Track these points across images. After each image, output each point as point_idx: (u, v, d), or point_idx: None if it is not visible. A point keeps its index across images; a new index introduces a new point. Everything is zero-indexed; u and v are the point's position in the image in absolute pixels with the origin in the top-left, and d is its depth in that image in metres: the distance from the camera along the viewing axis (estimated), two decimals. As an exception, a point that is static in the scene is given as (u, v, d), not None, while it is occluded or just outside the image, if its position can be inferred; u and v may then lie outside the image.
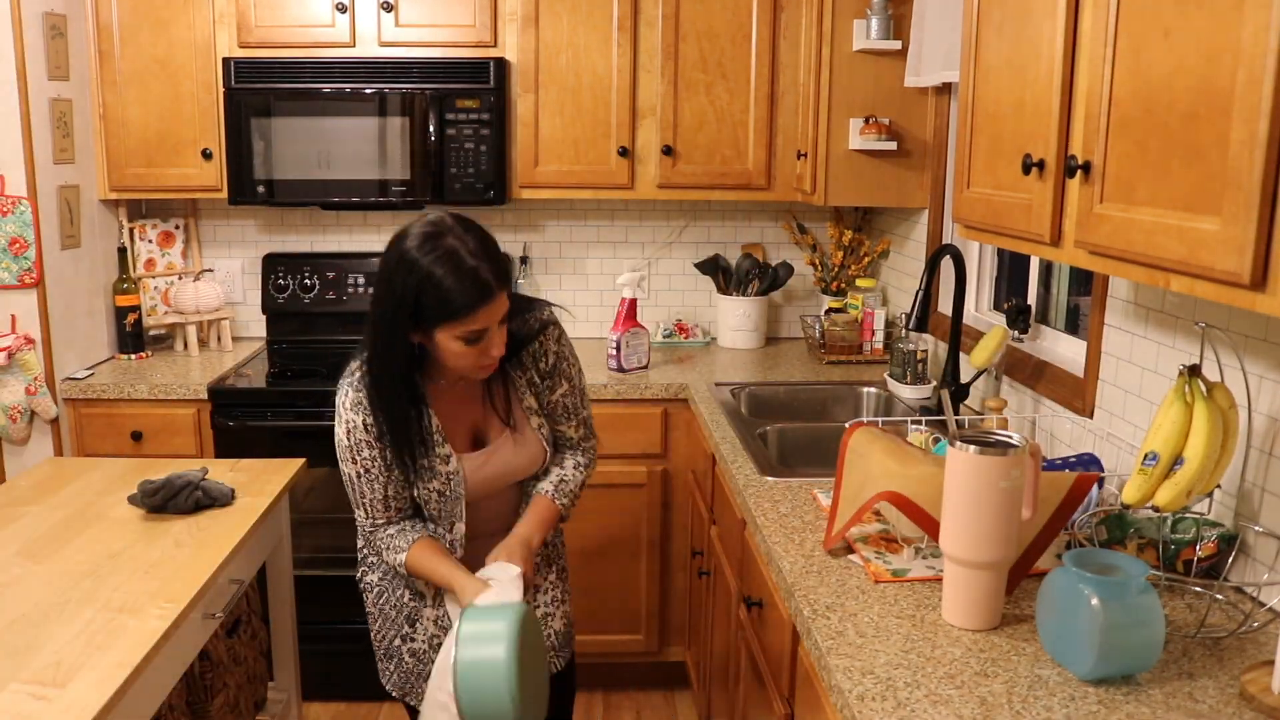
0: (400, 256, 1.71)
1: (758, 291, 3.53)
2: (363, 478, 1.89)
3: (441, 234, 1.71)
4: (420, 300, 1.69)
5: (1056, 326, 2.50)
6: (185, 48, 3.20)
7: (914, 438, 2.14)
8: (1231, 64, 1.12)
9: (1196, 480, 1.52)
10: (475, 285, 1.69)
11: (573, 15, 3.21)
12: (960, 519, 1.46)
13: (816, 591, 1.62)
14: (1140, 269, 1.34)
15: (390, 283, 1.71)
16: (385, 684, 2.09)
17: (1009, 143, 1.71)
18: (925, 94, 3.01)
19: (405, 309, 1.70)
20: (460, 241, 1.71)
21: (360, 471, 1.88)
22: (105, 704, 1.42)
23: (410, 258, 1.69)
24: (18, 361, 2.92)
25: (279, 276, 3.53)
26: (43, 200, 2.96)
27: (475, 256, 1.70)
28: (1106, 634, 1.30)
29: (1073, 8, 1.50)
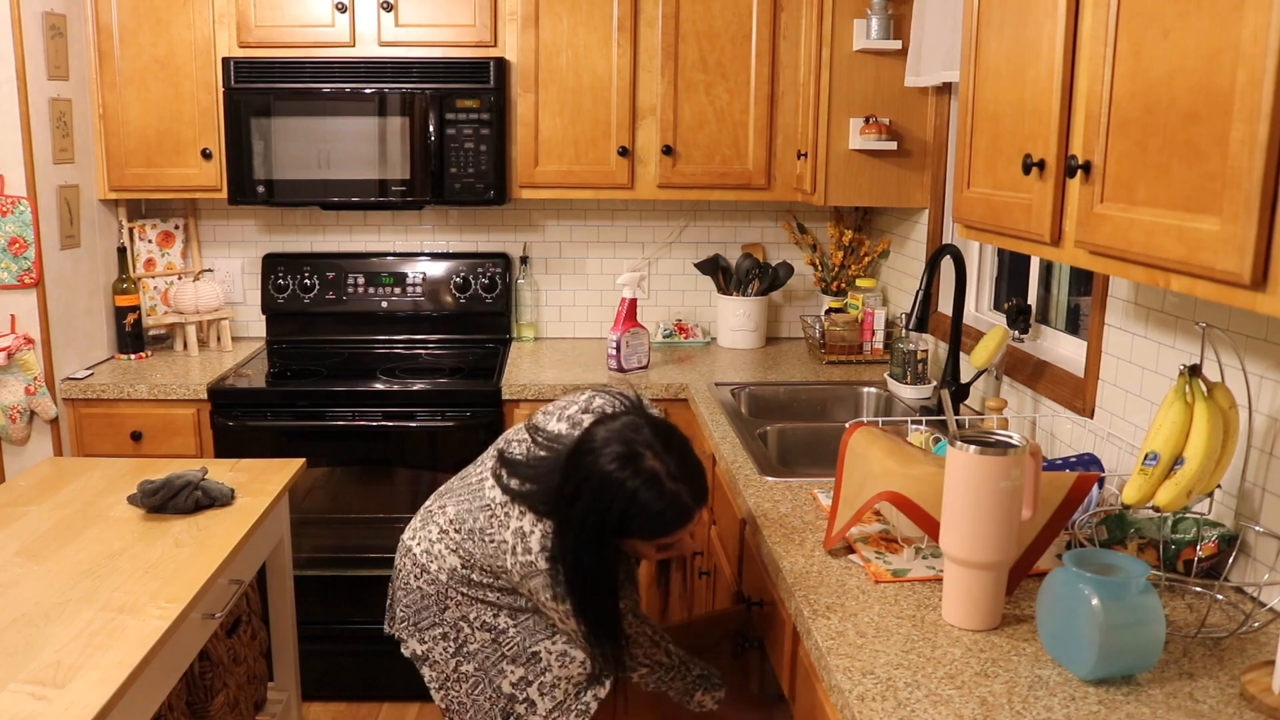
0: (601, 477, 1.64)
1: (758, 291, 3.53)
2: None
3: (639, 455, 1.65)
4: (624, 523, 1.66)
5: (1057, 326, 2.50)
6: (185, 48, 3.20)
7: (914, 438, 2.14)
8: (1231, 64, 1.12)
9: (1197, 480, 1.52)
10: (677, 510, 1.67)
11: (573, 15, 3.21)
12: (960, 519, 1.46)
13: (816, 591, 1.62)
14: (1140, 269, 1.34)
15: (594, 500, 1.65)
16: None
17: (1009, 143, 1.71)
18: (925, 94, 3.01)
19: (609, 527, 1.66)
20: (660, 464, 1.66)
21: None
22: (105, 704, 1.42)
23: (613, 480, 1.64)
24: (17, 361, 2.91)
25: (279, 276, 3.53)
26: (42, 200, 2.96)
27: (675, 480, 1.67)
28: (1107, 634, 1.30)
29: (1073, 8, 1.50)
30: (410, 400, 3.05)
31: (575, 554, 1.69)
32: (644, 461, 1.64)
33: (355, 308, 3.53)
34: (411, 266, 3.54)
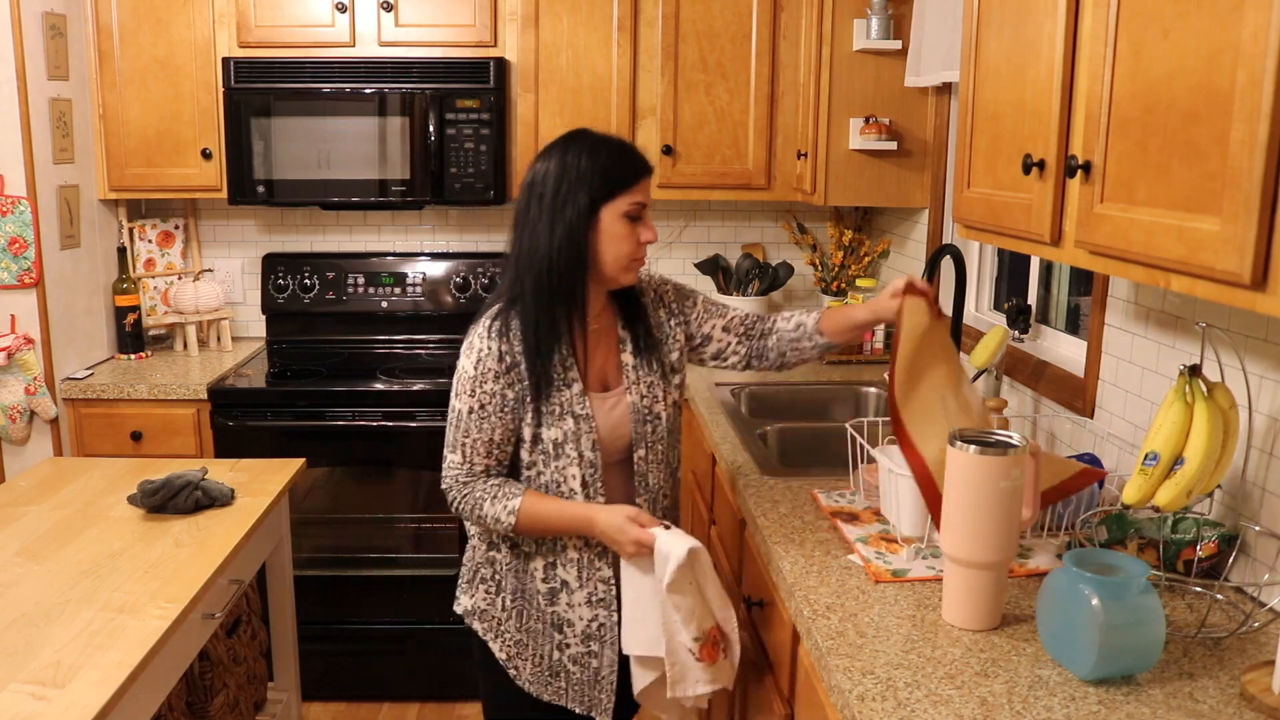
0: (560, 161, 1.76)
1: (758, 291, 3.53)
2: (474, 414, 1.76)
3: (582, 133, 1.81)
4: (593, 181, 1.75)
5: (1057, 326, 2.50)
6: (185, 48, 3.20)
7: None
8: (1231, 64, 1.12)
9: (1197, 480, 1.52)
10: (634, 157, 1.81)
11: (573, 15, 3.21)
12: (960, 519, 1.46)
13: (816, 591, 1.62)
14: (1140, 269, 1.34)
15: (559, 182, 1.75)
16: (541, 694, 1.87)
17: (1009, 143, 1.71)
18: (925, 94, 3.01)
19: (580, 201, 1.74)
20: (601, 134, 1.82)
21: (474, 406, 1.76)
22: (105, 704, 1.42)
23: (570, 156, 1.76)
24: (17, 361, 2.91)
25: (279, 276, 3.53)
26: (42, 200, 2.96)
27: (619, 140, 1.82)
28: (1107, 634, 1.30)
29: (1073, 8, 1.50)
30: (410, 400, 3.05)
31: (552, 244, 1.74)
32: (587, 135, 1.80)
33: (355, 308, 3.53)
34: (411, 266, 3.55)
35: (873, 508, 1.97)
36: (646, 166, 1.82)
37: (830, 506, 1.99)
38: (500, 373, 1.75)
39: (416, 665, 3.20)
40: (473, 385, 1.76)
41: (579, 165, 1.75)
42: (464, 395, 1.77)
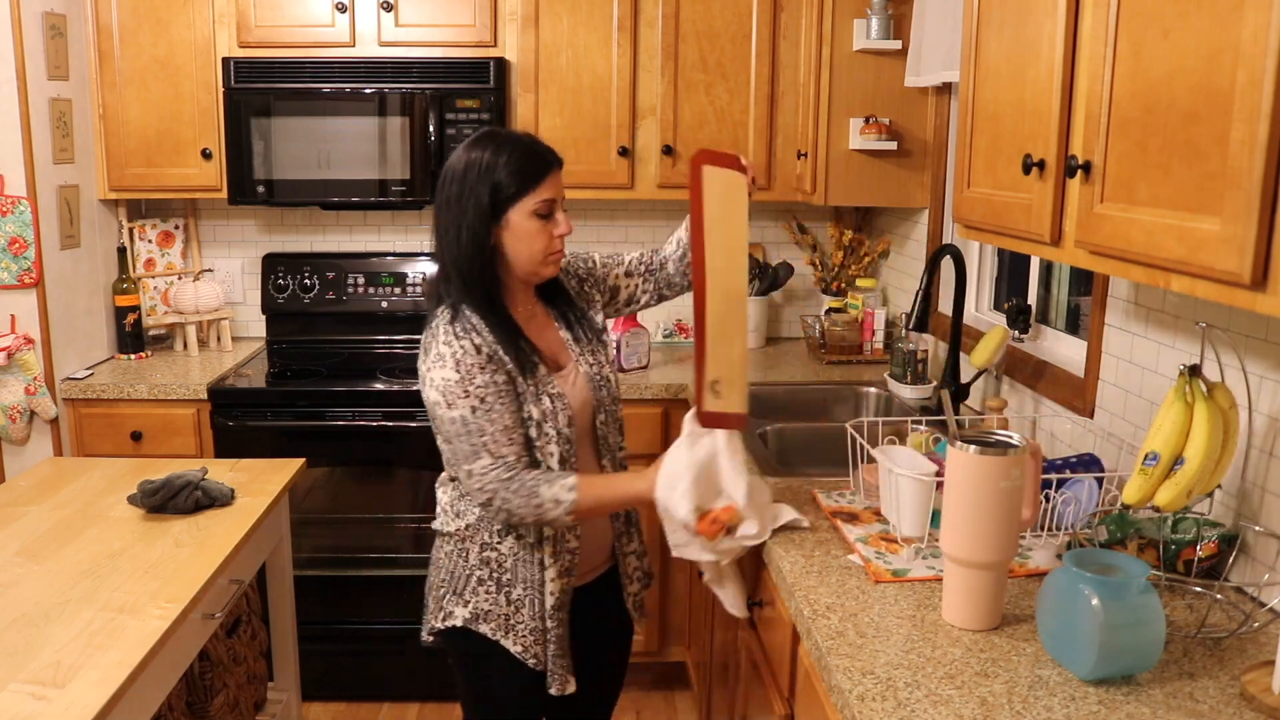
0: (464, 161, 1.80)
1: (758, 291, 3.53)
2: (479, 411, 1.74)
3: (492, 133, 1.84)
4: (496, 182, 1.77)
5: (1057, 326, 2.50)
6: (185, 48, 3.20)
7: (914, 438, 2.14)
8: (1231, 64, 1.12)
9: (1197, 480, 1.52)
10: (539, 155, 1.82)
11: (573, 15, 3.21)
12: (960, 519, 1.46)
13: (816, 591, 1.62)
14: (1140, 269, 1.34)
15: (461, 185, 1.78)
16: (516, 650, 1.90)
17: (1009, 143, 1.71)
18: (925, 94, 3.01)
19: (482, 201, 1.77)
20: (509, 133, 1.85)
21: (475, 404, 1.74)
22: (105, 704, 1.42)
23: (474, 155, 1.79)
24: (17, 361, 2.91)
25: (279, 276, 3.53)
26: (42, 200, 2.96)
27: (529, 139, 1.85)
28: (1107, 634, 1.30)
29: (1073, 8, 1.50)
30: (410, 400, 3.05)
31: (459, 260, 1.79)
32: (496, 135, 1.83)
33: (355, 308, 3.53)
34: (411, 266, 3.54)
35: (873, 508, 1.97)
36: (550, 162, 1.83)
37: (830, 506, 1.99)
38: (483, 364, 1.76)
39: (416, 665, 3.20)
40: (463, 387, 1.74)
41: (480, 166, 1.78)
42: (458, 401, 1.74)
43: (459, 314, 1.79)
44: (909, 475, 1.72)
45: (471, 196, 1.77)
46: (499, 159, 1.78)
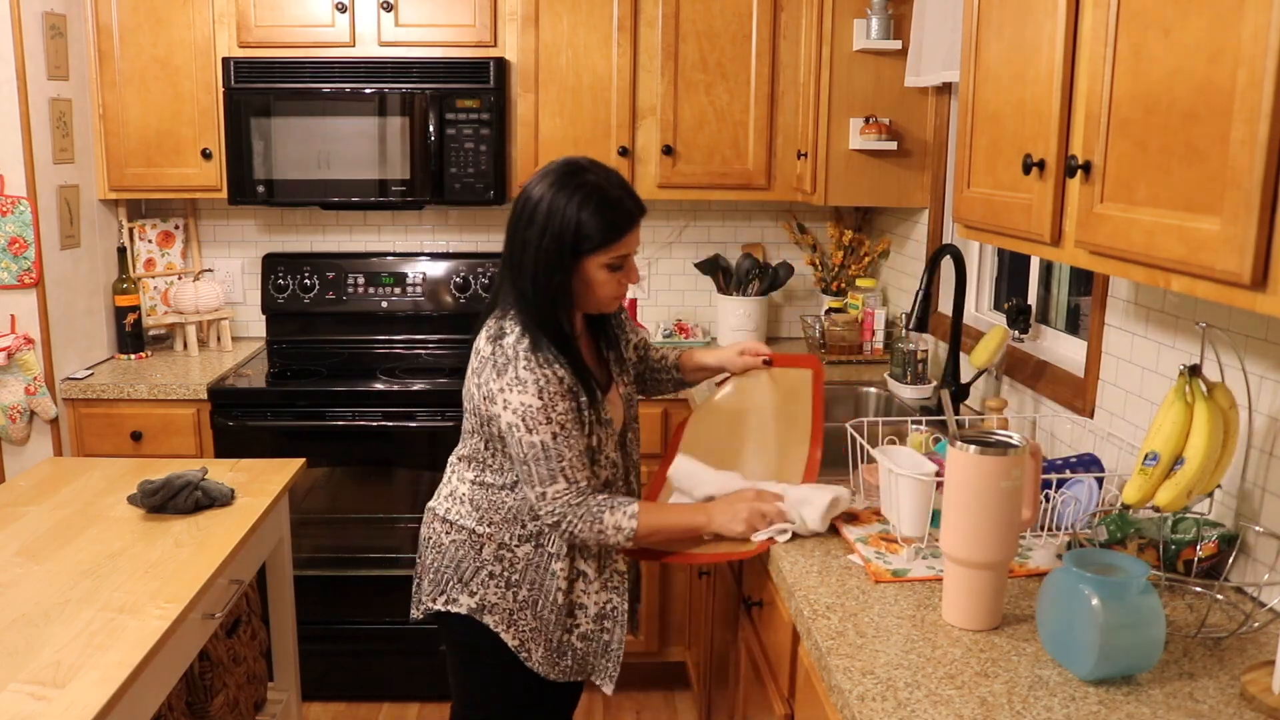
0: (549, 200, 1.79)
1: (758, 291, 3.53)
2: (559, 438, 1.79)
3: (580, 171, 1.81)
4: (579, 232, 1.77)
5: (1057, 326, 2.50)
6: (185, 48, 3.20)
7: (914, 438, 2.14)
8: (1231, 64, 1.12)
9: (1197, 480, 1.52)
10: (625, 210, 1.81)
11: (573, 15, 3.21)
12: (960, 519, 1.46)
13: (816, 591, 1.62)
14: (1140, 269, 1.34)
15: (544, 226, 1.78)
16: (549, 674, 1.95)
17: (1009, 143, 1.71)
18: (925, 94, 3.01)
19: (566, 245, 1.78)
20: (599, 176, 1.82)
21: (557, 430, 1.79)
22: (105, 704, 1.42)
23: (561, 198, 1.78)
24: (17, 361, 2.91)
25: (279, 276, 3.53)
26: (42, 200, 2.96)
27: (617, 187, 1.83)
28: (1107, 634, 1.30)
29: (1073, 8, 1.50)
30: (410, 400, 3.05)
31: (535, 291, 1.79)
32: (586, 176, 1.80)
33: (355, 308, 3.53)
34: (411, 266, 3.54)
35: (873, 508, 1.97)
36: (632, 218, 1.82)
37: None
38: (564, 392, 1.80)
39: (416, 665, 3.20)
40: (545, 414, 1.77)
41: (564, 214, 1.77)
42: (540, 427, 1.77)
43: (539, 343, 1.80)
44: (909, 475, 1.72)
45: (552, 244, 1.77)
46: (584, 212, 1.77)
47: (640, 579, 2.20)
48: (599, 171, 1.83)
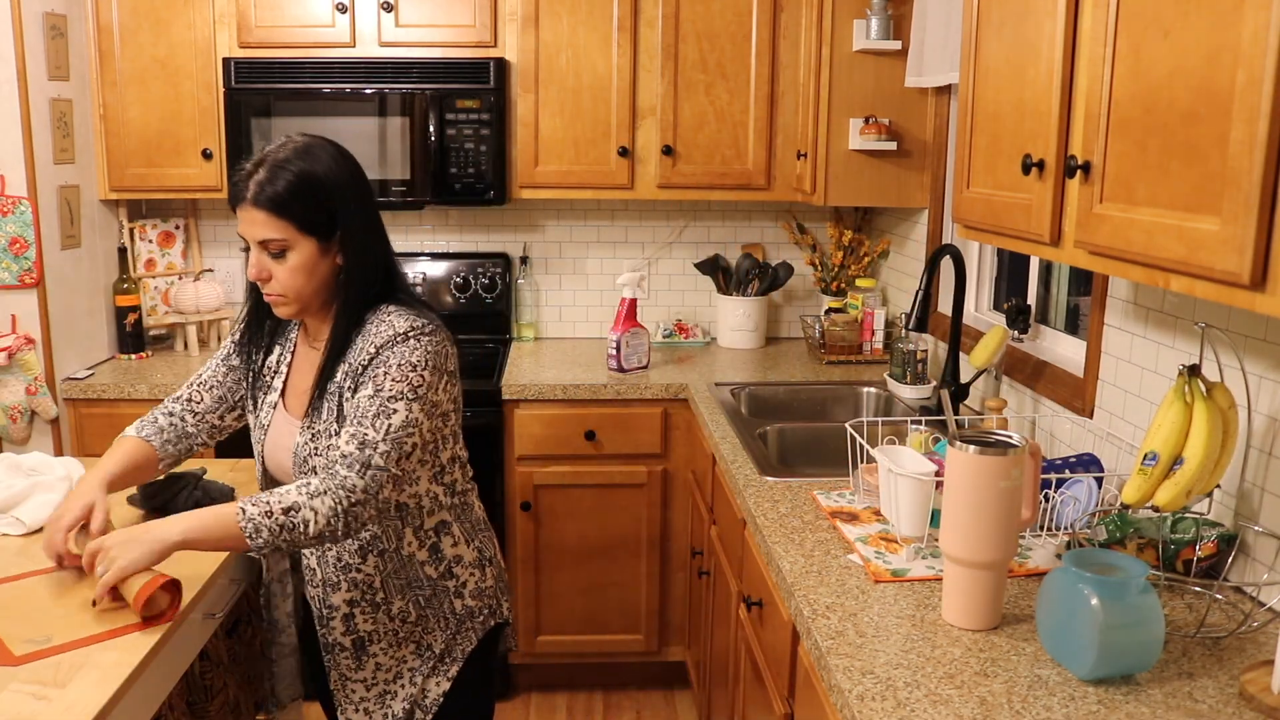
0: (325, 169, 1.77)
1: (758, 291, 3.53)
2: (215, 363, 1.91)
3: (286, 139, 1.73)
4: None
5: (1056, 326, 2.51)
6: (185, 48, 3.20)
7: (913, 438, 2.14)
8: (1231, 64, 1.12)
9: (1196, 480, 1.52)
10: (235, 183, 1.68)
11: (573, 15, 3.21)
12: (960, 519, 1.46)
13: (816, 591, 1.62)
14: (1140, 269, 1.34)
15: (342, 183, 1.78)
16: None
17: (1009, 143, 1.71)
18: (925, 94, 3.02)
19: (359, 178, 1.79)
20: (277, 150, 1.70)
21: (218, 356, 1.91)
22: (105, 704, 1.42)
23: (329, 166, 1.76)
24: (18, 361, 2.92)
25: (279, 276, 3.52)
26: (43, 200, 2.96)
27: (260, 164, 1.67)
28: (1106, 634, 1.30)
29: (1072, 8, 1.50)
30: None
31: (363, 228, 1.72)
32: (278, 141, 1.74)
33: (355, 308, 3.52)
34: (412, 266, 3.55)
35: (872, 508, 1.97)
36: (231, 198, 1.69)
37: (830, 506, 1.99)
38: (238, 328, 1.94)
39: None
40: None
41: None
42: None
43: None
44: (908, 475, 1.72)
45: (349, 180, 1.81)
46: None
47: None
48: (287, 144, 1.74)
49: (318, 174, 1.68)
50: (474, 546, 1.85)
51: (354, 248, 1.70)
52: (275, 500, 1.57)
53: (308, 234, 1.66)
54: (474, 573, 1.85)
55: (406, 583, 1.79)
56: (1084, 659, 1.33)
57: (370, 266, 1.72)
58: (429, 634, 1.83)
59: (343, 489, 1.59)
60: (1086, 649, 1.32)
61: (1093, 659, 1.32)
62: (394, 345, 1.66)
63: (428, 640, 1.83)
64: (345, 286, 1.71)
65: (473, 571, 1.85)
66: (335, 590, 1.80)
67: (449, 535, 1.82)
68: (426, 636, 1.83)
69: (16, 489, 2.02)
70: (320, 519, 1.57)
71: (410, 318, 1.70)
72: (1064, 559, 1.38)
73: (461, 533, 1.84)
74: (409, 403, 1.63)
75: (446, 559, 1.82)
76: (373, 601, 1.79)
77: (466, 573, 1.84)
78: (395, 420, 1.62)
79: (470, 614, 1.85)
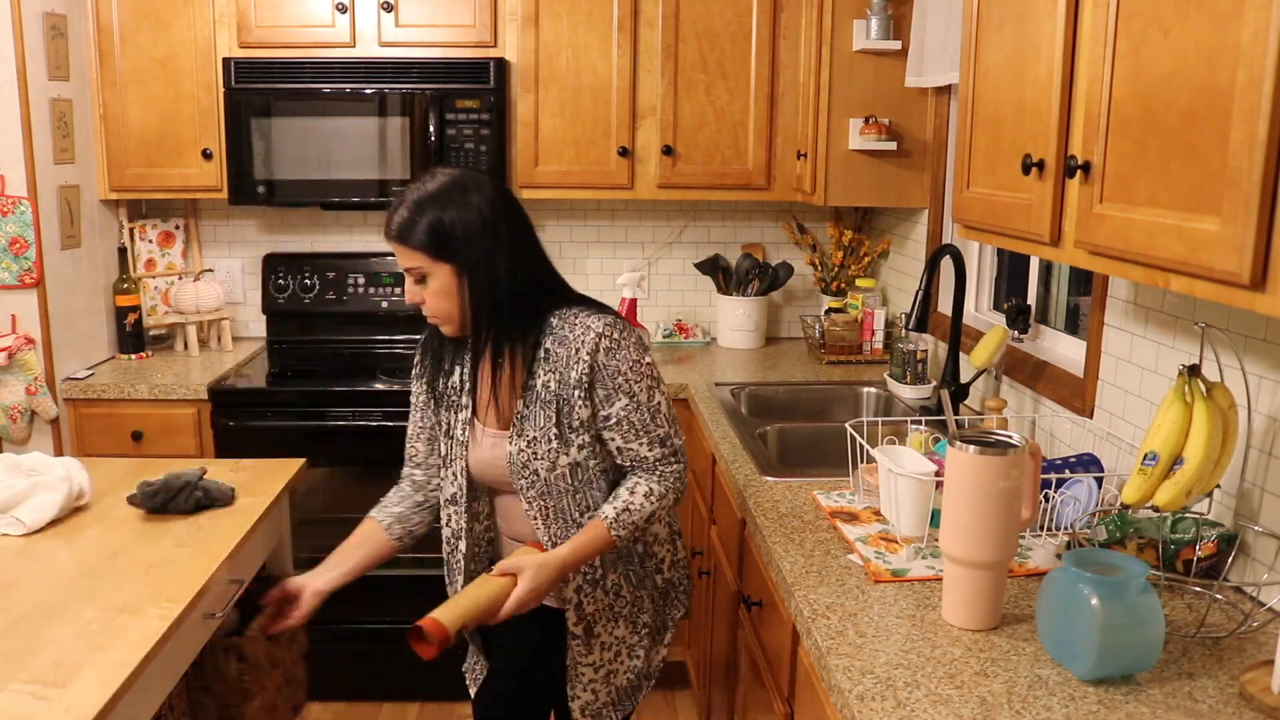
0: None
1: (758, 291, 3.53)
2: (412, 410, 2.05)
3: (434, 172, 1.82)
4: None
5: (1056, 326, 2.50)
6: (185, 48, 3.20)
7: (913, 438, 2.14)
8: (1231, 64, 1.12)
9: (1196, 480, 1.52)
10: (387, 219, 1.80)
11: (573, 15, 3.21)
12: (960, 519, 1.46)
13: (816, 591, 1.62)
14: (1140, 269, 1.34)
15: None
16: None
17: (1009, 143, 1.71)
18: (925, 94, 3.02)
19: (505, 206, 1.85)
20: (424, 182, 1.79)
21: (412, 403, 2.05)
22: (105, 704, 1.42)
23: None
24: (18, 361, 2.92)
25: (279, 276, 3.53)
26: (43, 200, 2.96)
27: (404, 202, 1.78)
28: (1106, 634, 1.30)
29: (1073, 7, 1.50)
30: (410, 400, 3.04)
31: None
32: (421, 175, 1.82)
33: (355, 308, 3.53)
34: (412, 266, 3.54)
35: (872, 508, 1.97)
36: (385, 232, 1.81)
37: (830, 506, 1.99)
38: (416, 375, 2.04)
39: (417, 665, 3.20)
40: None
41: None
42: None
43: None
44: (908, 475, 1.72)
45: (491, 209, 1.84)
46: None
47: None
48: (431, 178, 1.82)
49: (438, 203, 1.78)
50: (665, 522, 1.98)
51: (477, 269, 1.77)
52: (638, 517, 1.81)
53: (440, 260, 1.77)
54: (669, 547, 1.99)
55: (617, 555, 1.91)
56: (1084, 659, 1.33)
57: (491, 283, 1.79)
58: (643, 613, 1.95)
59: (679, 480, 1.86)
60: (1086, 649, 1.32)
61: (1093, 659, 1.32)
62: (609, 352, 1.79)
63: (642, 619, 1.96)
64: (477, 306, 1.79)
65: (668, 547, 1.99)
66: (567, 584, 1.89)
67: None
68: (641, 615, 1.95)
69: (16, 489, 2.02)
70: (664, 510, 1.86)
71: (591, 319, 1.81)
72: (1064, 559, 1.38)
73: None
74: (658, 389, 1.85)
75: (646, 538, 1.95)
76: (592, 580, 1.90)
77: (664, 549, 1.98)
78: (663, 409, 1.85)
79: (672, 585, 2.01)
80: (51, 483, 2.06)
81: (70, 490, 2.09)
